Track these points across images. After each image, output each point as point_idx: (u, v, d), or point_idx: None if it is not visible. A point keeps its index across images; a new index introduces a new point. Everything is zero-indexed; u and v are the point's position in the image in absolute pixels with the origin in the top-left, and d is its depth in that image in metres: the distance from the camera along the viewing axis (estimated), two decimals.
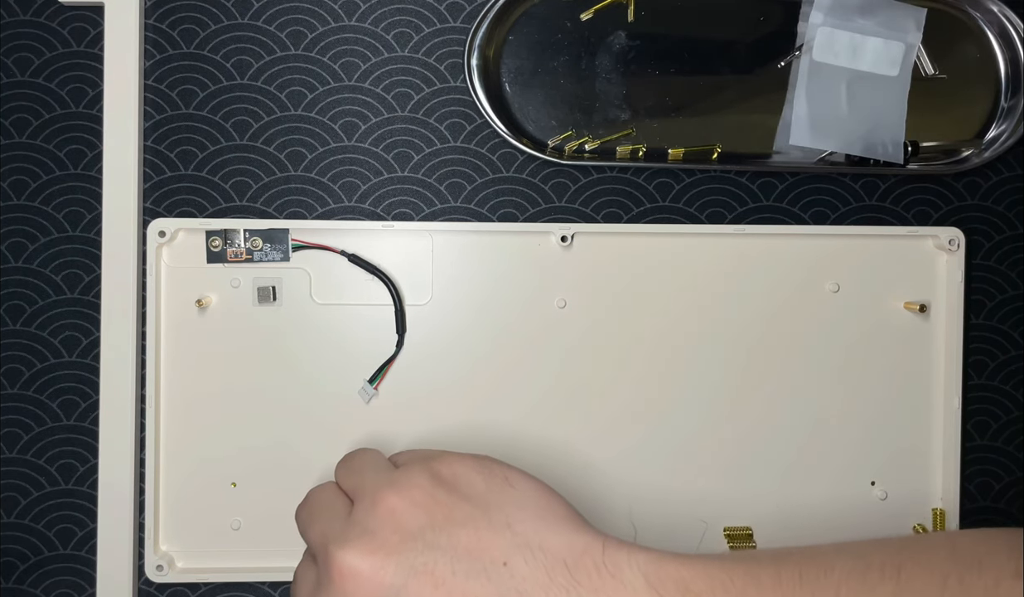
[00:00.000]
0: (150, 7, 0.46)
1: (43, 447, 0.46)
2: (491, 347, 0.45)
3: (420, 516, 0.31)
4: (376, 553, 0.30)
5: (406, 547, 0.30)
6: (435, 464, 0.33)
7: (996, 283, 0.47)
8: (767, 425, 0.46)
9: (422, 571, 0.30)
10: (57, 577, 0.46)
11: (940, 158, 0.47)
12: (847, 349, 0.46)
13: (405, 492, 0.32)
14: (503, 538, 0.30)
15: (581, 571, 0.29)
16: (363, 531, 0.31)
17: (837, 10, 0.46)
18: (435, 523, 0.31)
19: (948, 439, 0.46)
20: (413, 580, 0.29)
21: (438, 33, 0.46)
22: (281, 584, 0.46)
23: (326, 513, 0.33)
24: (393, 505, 0.31)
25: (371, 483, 0.33)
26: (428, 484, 0.32)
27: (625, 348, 0.46)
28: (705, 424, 0.46)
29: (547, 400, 0.46)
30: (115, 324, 0.45)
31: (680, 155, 0.46)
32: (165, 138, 0.46)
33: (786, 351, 0.46)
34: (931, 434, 0.46)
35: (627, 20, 0.46)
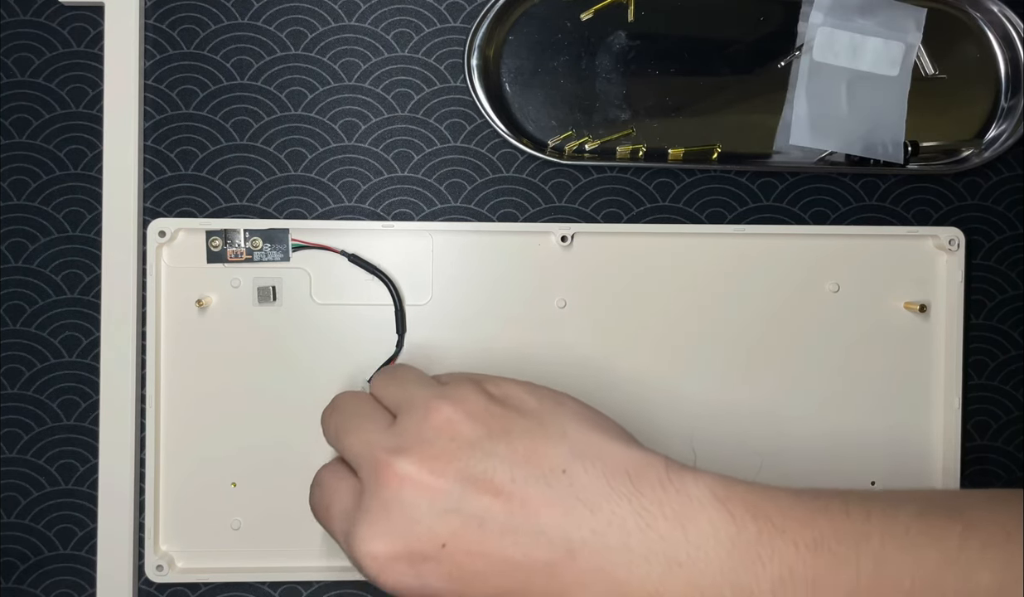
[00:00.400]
0: (150, 7, 0.46)
1: (43, 447, 0.46)
2: (491, 347, 0.45)
3: (476, 427, 0.30)
4: (436, 460, 0.29)
5: (464, 455, 0.30)
6: (485, 382, 0.33)
7: (996, 283, 0.47)
8: (767, 425, 0.46)
9: (481, 478, 0.29)
10: (57, 577, 0.46)
11: (940, 158, 0.47)
12: (847, 349, 0.46)
13: (459, 404, 0.31)
14: (561, 448, 0.30)
15: (644, 482, 0.29)
16: (419, 439, 0.30)
17: (837, 10, 0.46)
18: (492, 433, 0.30)
19: (948, 439, 0.46)
20: (472, 487, 0.29)
21: (438, 33, 0.46)
22: (281, 584, 0.46)
23: (367, 422, 0.33)
24: (448, 415, 0.31)
25: (420, 396, 0.32)
26: (481, 398, 0.32)
27: (625, 348, 0.46)
28: (705, 424, 0.46)
29: None
30: (115, 324, 0.45)
31: (680, 155, 0.46)
32: (165, 138, 0.46)
33: (786, 351, 0.46)
34: (931, 434, 0.46)
35: (627, 20, 0.46)
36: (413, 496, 0.29)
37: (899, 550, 0.27)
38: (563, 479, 0.29)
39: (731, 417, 0.46)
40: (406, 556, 0.29)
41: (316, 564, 0.45)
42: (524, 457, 0.30)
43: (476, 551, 0.28)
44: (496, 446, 0.30)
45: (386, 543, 0.29)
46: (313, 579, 0.45)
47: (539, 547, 0.28)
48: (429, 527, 0.29)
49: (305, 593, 0.46)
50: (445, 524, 0.29)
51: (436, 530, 0.29)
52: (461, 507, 0.29)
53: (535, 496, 0.29)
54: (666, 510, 0.28)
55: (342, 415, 0.34)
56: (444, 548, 0.29)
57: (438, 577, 0.29)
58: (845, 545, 0.27)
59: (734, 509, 0.28)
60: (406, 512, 0.29)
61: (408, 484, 0.29)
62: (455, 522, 0.29)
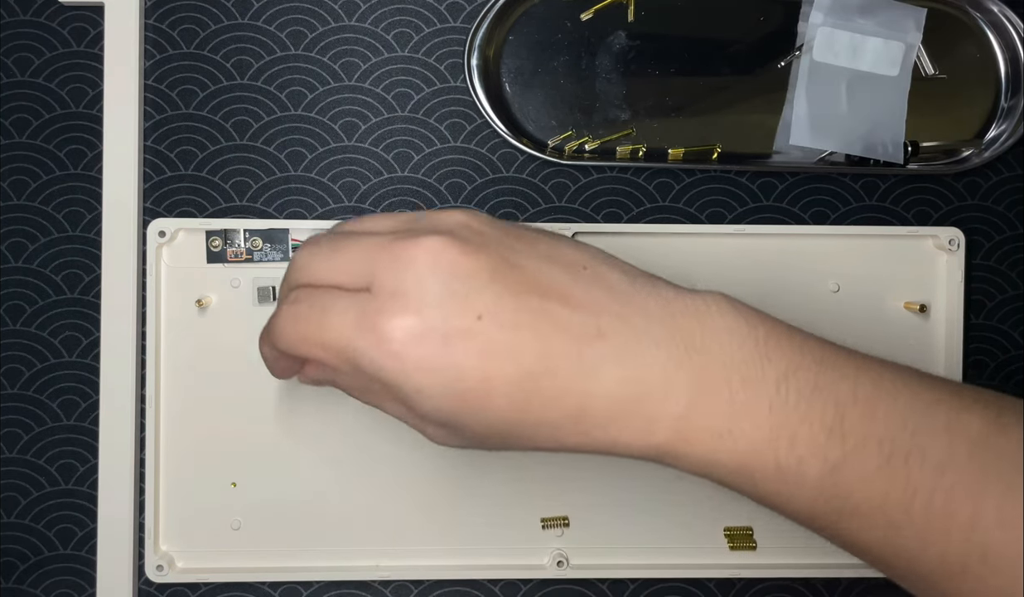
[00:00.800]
0: (150, 7, 0.46)
1: (43, 447, 0.46)
2: None
3: (495, 228, 0.31)
4: (467, 243, 0.29)
5: (492, 245, 0.30)
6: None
7: (996, 283, 0.47)
8: None
9: (513, 266, 0.29)
10: (57, 577, 0.46)
11: (940, 158, 0.47)
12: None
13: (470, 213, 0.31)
14: (580, 252, 0.31)
15: (662, 285, 0.31)
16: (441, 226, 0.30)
17: (837, 10, 0.46)
18: (510, 234, 0.30)
19: None
20: (503, 269, 0.29)
21: (438, 33, 0.46)
22: (281, 584, 0.46)
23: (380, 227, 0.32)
24: (463, 218, 0.31)
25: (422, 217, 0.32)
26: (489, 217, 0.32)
27: None
28: None
29: None
30: (115, 324, 0.45)
31: (680, 155, 0.46)
32: (165, 138, 0.46)
33: None
34: None
35: (627, 20, 0.46)
36: (448, 267, 0.29)
37: (896, 380, 0.29)
38: (586, 273, 0.30)
39: None
40: (441, 330, 0.28)
41: (316, 564, 0.45)
42: (547, 255, 0.30)
43: (510, 325, 0.28)
44: (518, 243, 0.30)
45: (421, 317, 0.28)
46: (313, 579, 0.45)
47: (571, 327, 0.29)
48: (464, 299, 0.28)
49: (305, 593, 0.46)
50: (480, 298, 0.28)
51: (472, 303, 0.28)
52: (495, 286, 0.29)
53: (564, 286, 0.29)
54: (686, 307, 0.30)
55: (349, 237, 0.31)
56: (480, 321, 0.28)
57: (469, 353, 0.28)
58: (847, 366, 0.29)
59: (746, 315, 0.30)
60: (441, 284, 0.28)
61: (441, 255, 0.29)
62: (489, 298, 0.28)
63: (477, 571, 0.45)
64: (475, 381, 0.28)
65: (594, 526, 0.46)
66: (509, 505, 0.45)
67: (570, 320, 0.29)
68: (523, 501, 0.45)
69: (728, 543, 0.46)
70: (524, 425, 0.29)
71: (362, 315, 0.29)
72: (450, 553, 0.45)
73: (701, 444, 0.29)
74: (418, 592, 0.46)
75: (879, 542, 0.29)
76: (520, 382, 0.28)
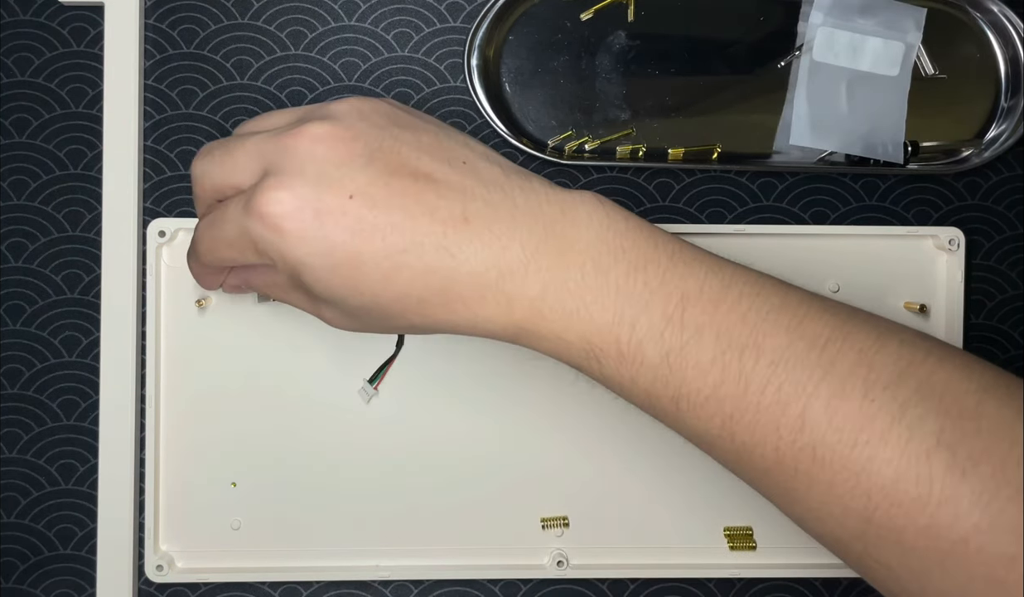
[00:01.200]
0: (150, 7, 0.46)
1: (43, 447, 0.46)
2: (492, 346, 0.45)
3: (383, 115, 0.33)
4: (349, 129, 0.31)
5: (375, 132, 0.32)
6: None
7: (996, 283, 0.47)
8: None
9: (389, 150, 0.31)
10: (57, 577, 0.46)
11: (940, 158, 0.47)
12: None
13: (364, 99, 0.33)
14: (465, 147, 0.33)
15: (535, 179, 0.33)
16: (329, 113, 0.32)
17: (837, 10, 0.46)
18: (399, 123, 0.33)
19: None
20: (381, 154, 0.31)
21: (438, 33, 0.46)
22: (281, 584, 0.46)
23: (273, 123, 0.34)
24: (354, 104, 0.33)
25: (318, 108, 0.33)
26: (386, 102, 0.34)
27: None
28: None
29: (551, 398, 0.45)
30: (115, 324, 0.45)
31: (680, 155, 0.46)
32: (165, 138, 0.46)
33: None
34: None
35: (627, 20, 0.46)
36: (325, 152, 0.31)
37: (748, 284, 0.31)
38: (464, 166, 0.32)
39: None
40: (313, 205, 0.30)
41: (316, 564, 0.45)
42: (430, 146, 0.32)
43: (381, 205, 0.30)
44: (403, 133, 0.32)
45: (295, 194, 0.30)
46: (313, 579, 0.45)
47: (438, 209, 0.31)
48: (339, 179, 0.30)
49: (305, 593, 0.46)
50: (353, 179, 0.30)
51: (345, 183, 0.30)
52: (370, 168, 0.31)
53: (439, 172, 0.31)
54: (552, 199, 0.32)
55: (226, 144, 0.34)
56: (351, 199, 0.30)
57: (339, 228, 0.30)
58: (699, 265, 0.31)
59: (609, 210, 0.32)
60: (319, 167, 0.31)
61: (321, 142, 0.31)
62: (362, 179, 0.31)
63: (477, 571, 0.45)
64: (346, 255, 0.30)
65: (594, 526, 0.46)
66: (509, 505, 0.45)
67: (438, 203, 0.31)
68: (523, 501, 0.45)
69: (728, 543, 0.46)
70: (394, 300, 0.31)
71: (248, 200, 0.31)
72: (450, 553, 0.45)
73: (554, 322, 0.31)
74: (418, 592, 0.46)
75: (719, 434, 0.31)
76: (388, 257, 0.30)
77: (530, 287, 0.31)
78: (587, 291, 0.31)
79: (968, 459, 0.27)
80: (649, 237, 0.32)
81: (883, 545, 0.29)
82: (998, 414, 0.28)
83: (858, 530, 0.29)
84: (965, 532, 0.27)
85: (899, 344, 0.30)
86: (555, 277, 0.31)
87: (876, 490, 0.28)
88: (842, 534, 0.30)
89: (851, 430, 0.28)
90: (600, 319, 0.31)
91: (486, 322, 0.31)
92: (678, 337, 0.30)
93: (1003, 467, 0.27)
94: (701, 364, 0.30)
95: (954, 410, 0.28)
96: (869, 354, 0.29)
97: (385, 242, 0.30)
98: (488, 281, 0.31)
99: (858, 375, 0.29)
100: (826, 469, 0.29)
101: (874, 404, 0.28)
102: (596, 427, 0.46)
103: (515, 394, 0.45)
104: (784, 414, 0.29)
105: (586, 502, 0.46)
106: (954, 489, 0.27)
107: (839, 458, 0.29)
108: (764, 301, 0.31)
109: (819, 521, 0.30)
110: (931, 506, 0.27)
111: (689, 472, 0.46)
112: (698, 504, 0.46)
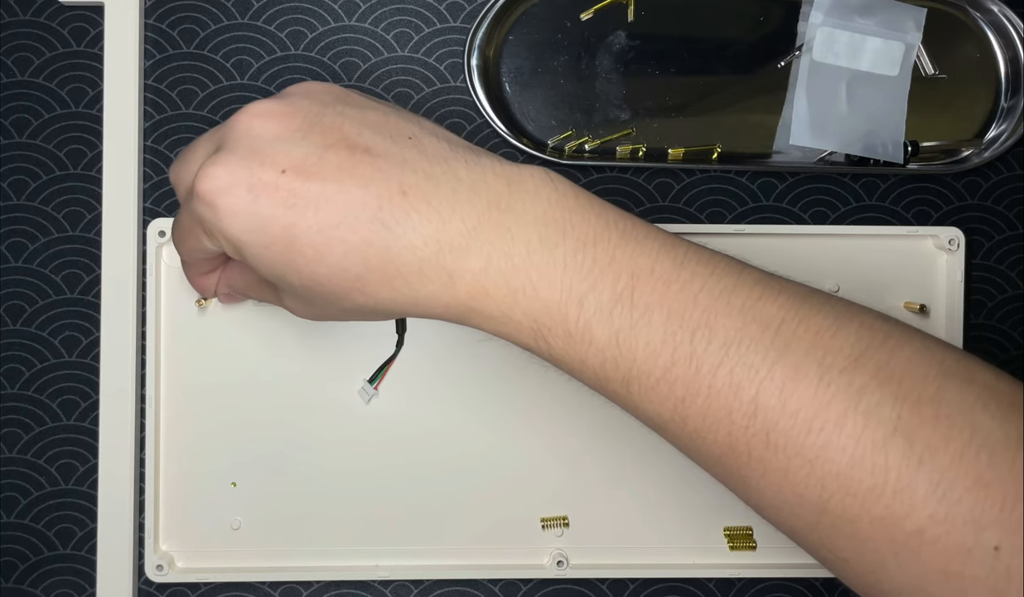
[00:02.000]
0: (150, 7, 0.46)
1: (43, 447, 0.46)
2: (492, 346, 0.45)
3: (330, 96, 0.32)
4: (290, 105, 0.31)
5: (317, 108, 0.31)
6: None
7: (996, 283, 0.47)
8: None
9: (330, 126, 0.31)
10: (57, 577, 0.46)
11: (940, 158, 0.47)
12: None
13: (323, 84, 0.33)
14: (413, 124, 0.32)
15: (483, 155, 0.32)
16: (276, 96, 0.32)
17: (837, 10, 0.46)
18: (347, 102, 0.32)
19: None
20: (320, 129, 0.31)
21: (438, 33, 0.46)
22: (281, 584, 0.46)
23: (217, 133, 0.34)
24: (305, 86, 0.33)
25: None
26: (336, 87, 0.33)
27: None
28: None
29: (550, 398, 0.45)
30: (115, 324, 0.45)
31: (680, 155, 0.46)
32: (165, 138, 0.46)
33: None
34: None
35: (627, 20, 0.46)
36: (261, 127, 0.31)
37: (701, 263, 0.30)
38: (409, 141, 0.31)
39: None
40: (246, 180, 0.30)
41: (316, 564, 0.45)
42: (375, 123, 0.31)
43: (314, 178, 0.30)
44: (348, 109, 0.31)
45: (228, 170, 0.30)
46: (313, 579, 0.45)
47: (374, 182, 0.30)
48: (272, 154, 0.30)
49: (305, 593, 0.46)
50: (287, 154, 0.30)
51: (278, 157, 0.30)
52: (306, 142, 0.30)
53: (378, 146, 0.30)
54: (498, 172, 0.31)
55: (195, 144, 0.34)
56: (283, 174, 0.30)
57: (272, 203, 0.29)
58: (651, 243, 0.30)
59: (559, 185, 0.31)
60: (253, 143, 0.30)
61: (258, 118, 0.31)
62: (297, 153, 0.30)
63: (477, 571, 0.45)
64: (279, 230, 0.30)
65: (594, 526, 0.46)
66: (509, 505, 0.45)
67: (373, 176, 0.30)
68: (523, 501, 0.45)
69: (728, 543, 0.46)
70: (330, 276, 0.30)
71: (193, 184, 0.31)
72: (450, 553, 0.45)
73: (499, 299, 0.30)
74: (418, 592, 0.46)
75: (671, 418, 0.30)
76: (320, 231, 0.29)
77: (472, 261, 0.30)
78: (533, 268, 0.29)
79: (926, 448, 0.27)
80: (600, 214, 0.31)
81: (838, 536, 0.28)
82: (959, 400, 0.27)
83: (813, 520, 0.28)
84: (921, 523, 0.26)
85: (858, 326, 0.29)
86: (498, 251, 0.30)
87: (831, 479, 0.27)
88: (797, 524, 0.29)
89: (805, 416, 0.27)
90: (547, 296, 0.29)
91: (428, 299, 0.30)
92: (627, 316, 0.29)
93: (961, 457, 0.26)
94: (651, 344, 0.29)
95: (913, 395, 0.27)
96: (826, 337, 0.28)
97: (318, 215, 0.29)
98: (427, 255, 0.30)
99: (813, 358, 0.28)
100: (780, 456, 0.28)
101: (830, 389, 0.27)
102: (596, 427, 0.46)
103: (515, 394, 0.45)
104: (736, 398, 0.28)
105: (586, 502, 0.46)
106: (910, 479, 0.27)
107: (793, 444, 0.28)
108: (717, 281, 0.29)
109: (774, 509, 0.29)
110: (886, 496, 0.27)
111: (689, 472, 0.46)
112: (698, 504, 0.46)
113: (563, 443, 0.45)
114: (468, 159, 0.31)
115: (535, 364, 0.45)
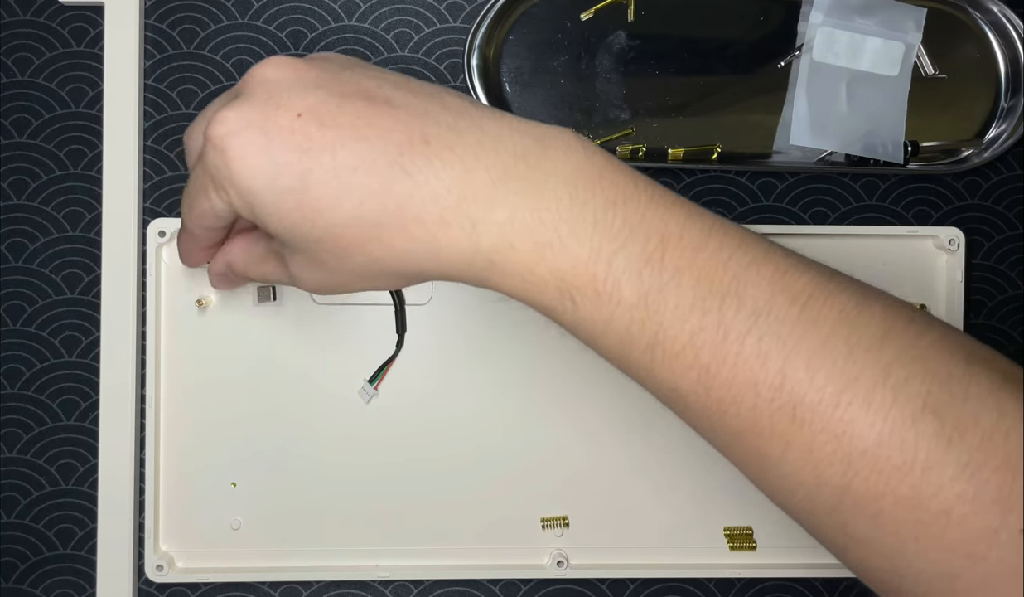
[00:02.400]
0: (150, 7, 0.46)
1: (43, 447, 0.46)
2: (492, 346, 0.45)
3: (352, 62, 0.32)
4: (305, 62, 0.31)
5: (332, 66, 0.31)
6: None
7: (996, 283, 0.47)
8: None
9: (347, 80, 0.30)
10: (57, 577, 0.46)
11: (940, 158, 0.47)
12: None
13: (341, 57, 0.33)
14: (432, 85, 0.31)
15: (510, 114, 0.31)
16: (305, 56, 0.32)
17: (837, 10, 0.46)
18: (366, 67, 0.32)
19: None
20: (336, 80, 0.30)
21: (438, 33, 0.46)
22: (281, 584, 0.46)
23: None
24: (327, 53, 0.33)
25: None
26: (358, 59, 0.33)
27: None
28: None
29: (551, 398, 0.45)
30: (115, 324, 0.45)
31: (680, 155, 0.46)
32: (165, 138, 0.46)
33: None
34: None
35: (627, 20, 0.46)
36: (276, 75, 0.30)
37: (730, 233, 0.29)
38: (431, 97, 0.30)
39: None
40: (260, 124, 0.29)
41: (316, 564, 0.45)
42: (395, 80, 0.31)
43: (330, 123, 0.29)
44: (367, 70, 0.31)
45: (240, 113, 0.29)
46: (313, 579, 0.45)
47: (394, 130, 0.29)
48: (288, 100, 0.29)
49: (305, 593, 0.46)
50: (303, 98, 0.29)
51: (294, 102, 0.29)
52: (322, 90, 0.30)
53: (399, 99, 0.30)
54: (526, 128, 0.30)
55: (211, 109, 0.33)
56: (299, 117, 0.29)
57: (287, 148, 0.29)
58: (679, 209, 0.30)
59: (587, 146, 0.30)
60: (268, 89, 0.30)
61: (274, 68, 0.30)
62: (313, 99, 0.29)
63: (477, 571, 0.45)
64: (294, 175, 0.29)
65: (594, 526, 0.46)
66: (509, 505, 0.45)
67: (394, 126, 0.29)
68: (523, 501, 0.45)
69: (728, 543, 0.46)
70: (347, 224, 0.29)
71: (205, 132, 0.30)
72: (450, 553, 0.45)
73: (525, 253, 0.29)
74: (418, 592, 0.46)
75: (693, 389, 0.29)
76: (337, 175, 0.28)
77: (497, 212, 0.28)
78: (562, 223, 0.28)
79: (955, 427, 0.26)
80: (630, 177, 0.30)
81: (859, 517, 0.27)
82: (988, 380, 0.27)
83: (833, 501, 0.28)
84: (948, 503, 0.26)
85: (882, 308, 0.29)
86: (526, 203, 0.29)
87: (857, 455, 0.27)
88: (814, 506, 0.28)
89: (833, 390, 0.27)
90: (576, 253, 0.28)
91: (449, 249, 0.29)
92: (657, 278, 0.28)
93: (991, 437, 0.26)
94: (680, 308, 0.28)
95: (942, 373, 0.27)
96: (851, 315, 0.28)
97: (335, 160, 0.28)
98: (449, 203, 0.28)
99: (840, 335, 0.27)
100: (805, 431, 0.27)
101: (857, 364, 0.27)
102: (597, 427, 0.46)
103: (515, 394, 0.45)
104: (764, 368, 0.27)
105: (586, 502, 0.46)
106: (940, 456, 0.26)
107: (820, 419, 0.27)
108: (745, 252, 0.29)
109: (789, 492, 0.28)
110: (914, 474, 0.26)
111: (689, 472, 0.46)
112: (698, 504, 0.46)
113: (563, 443, 0.45)
114: (494, 115, 0.30)
115: (535, 364, 0.45)
